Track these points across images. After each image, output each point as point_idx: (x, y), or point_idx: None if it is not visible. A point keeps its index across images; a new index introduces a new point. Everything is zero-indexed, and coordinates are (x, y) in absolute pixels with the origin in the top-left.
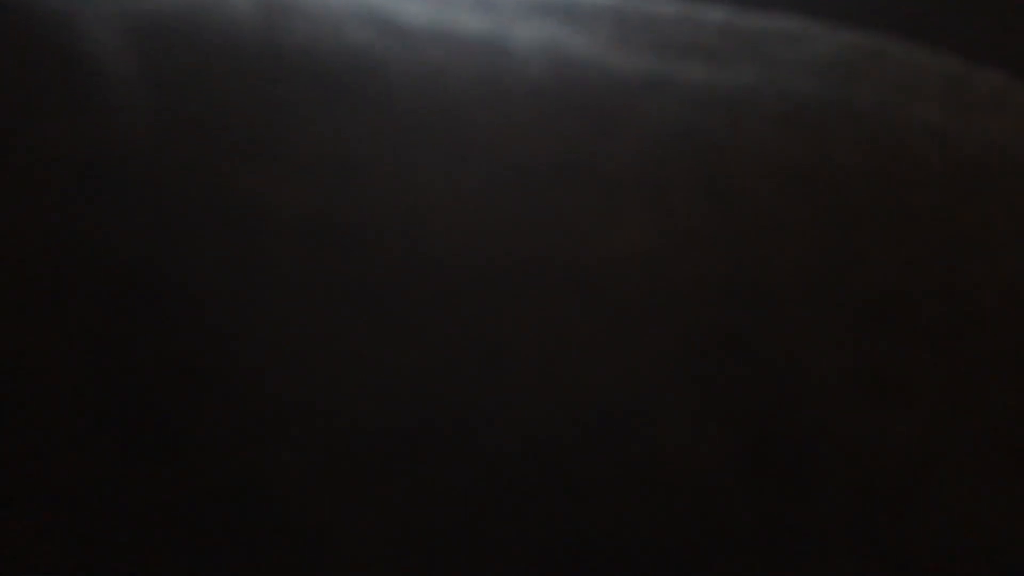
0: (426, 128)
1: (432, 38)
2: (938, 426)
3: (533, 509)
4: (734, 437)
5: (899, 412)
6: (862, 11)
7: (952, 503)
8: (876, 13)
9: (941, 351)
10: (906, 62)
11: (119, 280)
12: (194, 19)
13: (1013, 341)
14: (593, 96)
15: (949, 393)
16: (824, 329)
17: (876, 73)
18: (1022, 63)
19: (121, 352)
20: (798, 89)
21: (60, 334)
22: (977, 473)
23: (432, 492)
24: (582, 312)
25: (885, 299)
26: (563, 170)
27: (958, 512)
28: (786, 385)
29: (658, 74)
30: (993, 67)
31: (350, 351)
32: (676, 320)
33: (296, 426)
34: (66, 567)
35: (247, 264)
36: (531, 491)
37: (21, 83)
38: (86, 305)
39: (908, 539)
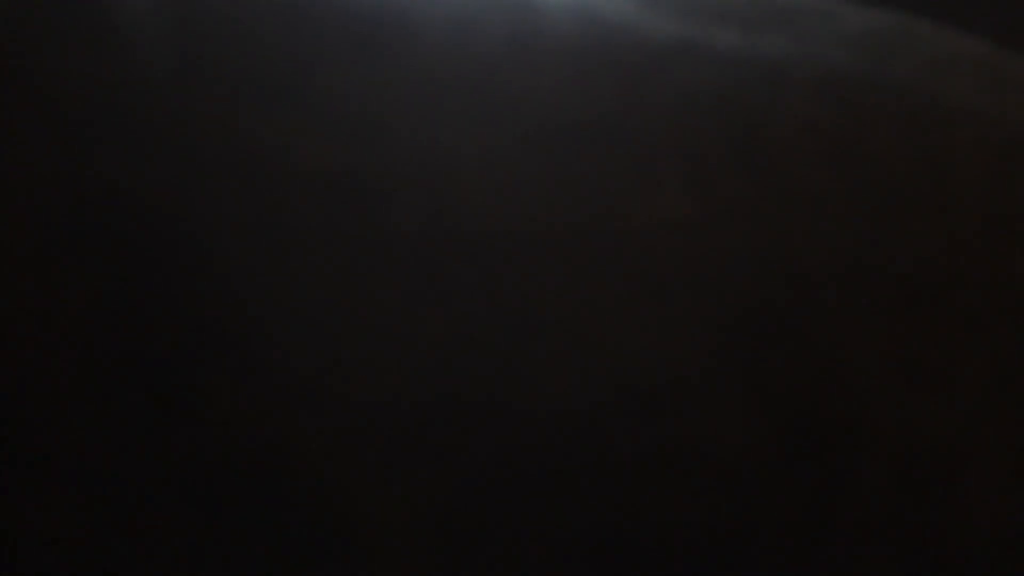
0: (454, 84)
1: None
2: (977, 416)
3: (564, 486)
4: (770, 418)
5: (937, 400)
6: None
7: (990, 496)
8: None
9: (980, 338)
10: (938, 41)
11: (138, 231)
12: None
13: None
14: (625, 58)
15: (989, 383)
16: (861, 310)
17: (909, 50)
18: None
19: (139, 309)
20: (832, 61)
21: (77, 286)
22: (1016, 466)
23: (461, 467)
24: (613, 280)
25: (924, 281)
26: (595, 133)
27: (995, 505)
28: (823, 366)
29: (691, 39)
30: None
31: (374, 316)
32: (710, 293)
33: (322, 395)
34: (78, 533)
35: (268, 218)
36: (562, 467)
37: (39, 19)
38: (104, 255)
39: (945, 531)
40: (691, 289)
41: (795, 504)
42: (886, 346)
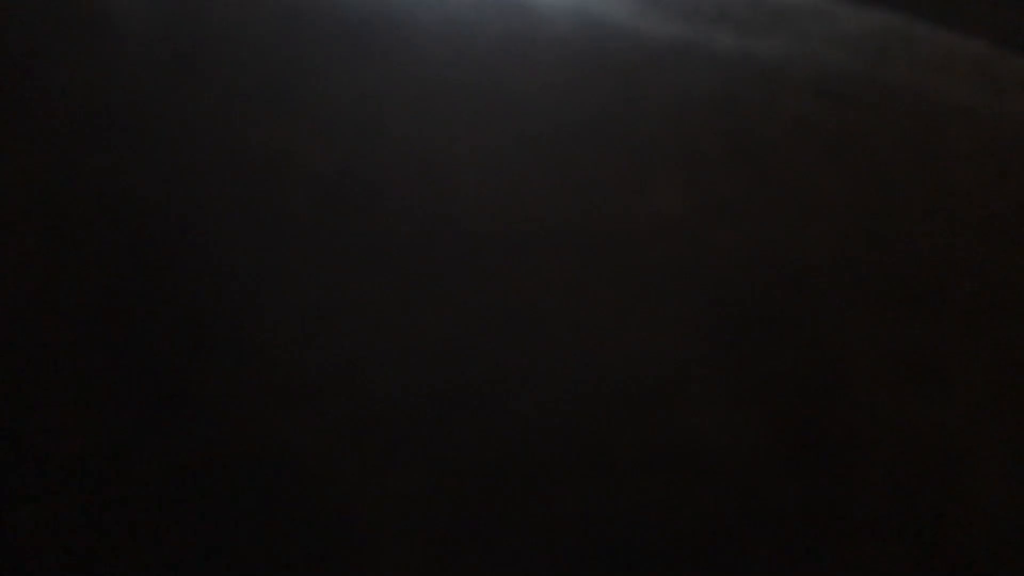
0: (452, 85)
1: None
2: (977, 414)
3: (558, 485)
4: (766, 417)
5: (938, 398)
6: None
7: (991, 494)
8: None
9: (978, 335)
10: (936, 42)
11: (133, 233)
12: None
13: None
14: (622, 59)
15: (989, 380)
16: (861, 308)
17: (906, 51)
18: None
19: (136, 310)
20: (828, 61)
21: (74, 284)
22: (1017, 464)
23: (455, 465)
24: (610, 279)
25: (922, 279)
26: (592, 133)
27: (997, 504)
28: (820, 365)
29: (688, 40)
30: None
31: (372, 313)
32: (708, 292)
33: (318, 393)
34: (74, 530)
35: (264, 218)
36: (556, 466)
37: (31, 26)
38: (99, 253)
39: (946, 530)
40: (688, 288)
41: (793, 504)
42: (884, 344)
